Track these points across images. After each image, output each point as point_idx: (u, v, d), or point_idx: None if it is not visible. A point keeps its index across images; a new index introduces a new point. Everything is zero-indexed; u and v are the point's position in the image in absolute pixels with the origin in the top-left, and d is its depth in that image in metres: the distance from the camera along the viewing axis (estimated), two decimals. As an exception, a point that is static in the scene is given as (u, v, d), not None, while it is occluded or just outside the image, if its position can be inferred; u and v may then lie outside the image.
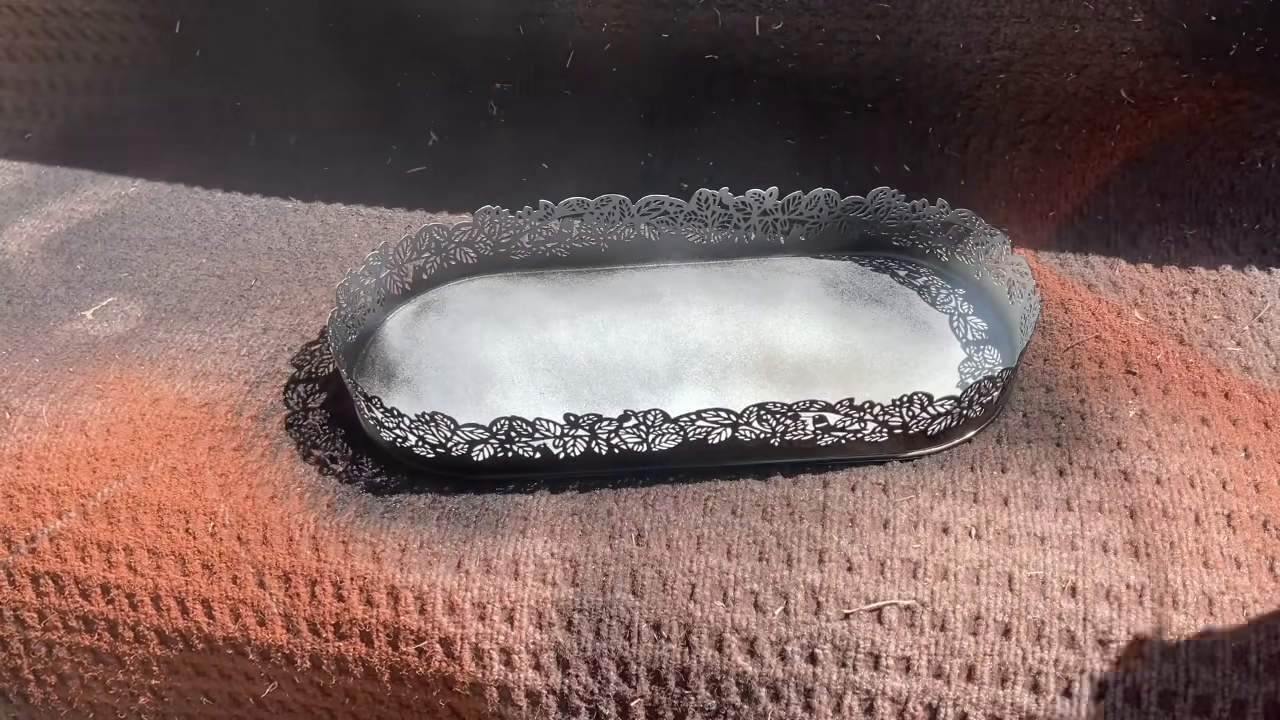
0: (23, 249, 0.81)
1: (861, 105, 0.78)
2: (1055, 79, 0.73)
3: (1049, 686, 0.48)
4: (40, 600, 0.58)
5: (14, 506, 0.59)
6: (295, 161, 0.87)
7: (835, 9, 0.75)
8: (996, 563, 0.50)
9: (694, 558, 0.52)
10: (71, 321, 0.72)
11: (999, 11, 0.72)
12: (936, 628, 0.49)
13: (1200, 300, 0.68)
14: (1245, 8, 0.67)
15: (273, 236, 0.80)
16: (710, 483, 0.56)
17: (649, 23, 0.79)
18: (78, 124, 0.94)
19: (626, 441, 0.55)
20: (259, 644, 0.55)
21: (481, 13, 0.82)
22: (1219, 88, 0.70)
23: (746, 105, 0.80)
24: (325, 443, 0.61)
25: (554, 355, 0.66)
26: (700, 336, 0.66)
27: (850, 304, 0.68)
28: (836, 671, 0.49)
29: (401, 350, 0.67)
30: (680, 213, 0.70)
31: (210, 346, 0.69)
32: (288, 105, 0.89)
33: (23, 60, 0.95)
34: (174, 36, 0.90)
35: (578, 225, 0.71)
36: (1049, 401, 0.60)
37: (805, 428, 0.55)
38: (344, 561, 0.54)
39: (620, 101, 0.82)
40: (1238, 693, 0.47)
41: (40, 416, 0.63)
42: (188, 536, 0.56)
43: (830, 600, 0.50)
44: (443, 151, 0.86)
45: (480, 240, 0.71)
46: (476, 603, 0.52)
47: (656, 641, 0.51)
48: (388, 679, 0.54)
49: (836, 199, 0.70)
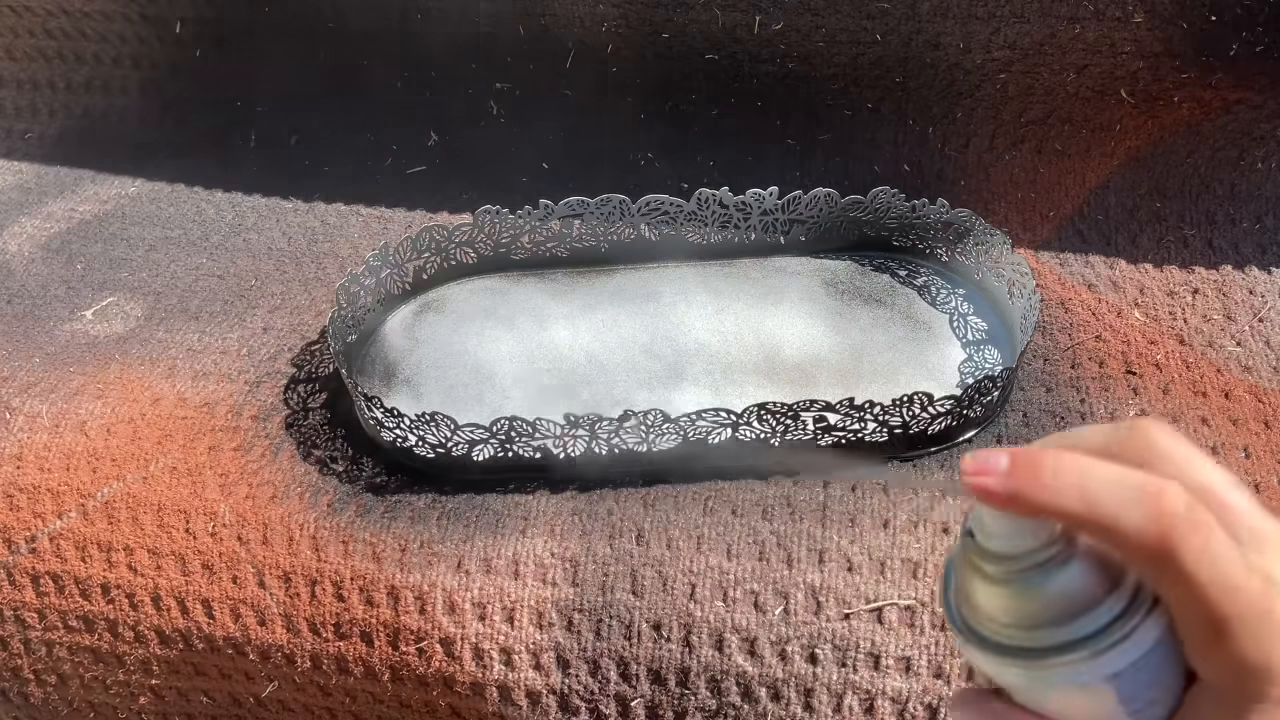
0: (23, 249, 0.81)
1: (861, 105, 0.78)
2: (1055, 79, 0.73)
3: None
4: (40, 600, 0.58)
5: (14, 506, 0.59)
6: (295, 161, 0.87)
7: (835, 9, 0.75)
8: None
9: (694, 558, 0.52)
10: (71, 321, 0.72)
11: (999, 11, 0.72)
12: (937, 628, 0.49)
13: (1200, 300, 0.68)
14: (1245, 8, 0.67)
15: (273, 236, 0.80)
16: (710, 483, 0.56)
17: (649, 23, 0.79)
18: (78, 124, 0.94)
19: (626, 441, 0.55)
20: (259, 644, 0.55)
21: (481, 13, 0.82)
22: (1219, 88, 0.70)
23: (746, 105, 0.80)
24: (325, 443, 0.61)
25: (554, 355, 0.66)
26: (700, 336, 0.66)
27: (850, 304, 0.68)
28: (836, 671, 0.49)
29: (401, 350, 0.67)
30: (680, 213, 0.70)
31: (210, 346, 0.69)
32: (288, 105, 0.89)
33: (23, 60, 0.95)
34: (174, 36, 0.90)
35: (578, 225, 0.71)
36: (1049, 401, 0.60)
37: (805, 428, 0.55)
38: (344, 561, 0.54)
39: (620, 101, 0.82)
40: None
41: (40, 416, 0.63)
42: (188, 536, 0.56)
43: (830, 600, 0.50)
44: (443, 151, 0.86)
45: (480, 240, 0.71)
46: (476, 603, 0.52)
47: (656, 641, 0.51)
48: (388, 679, 0.54)
49: (836, 199, 0.70)
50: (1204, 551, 0.25)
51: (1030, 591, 0.27)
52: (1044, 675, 0.28)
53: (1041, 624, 0.27)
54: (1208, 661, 0.26)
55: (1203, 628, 0.26)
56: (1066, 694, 0.28)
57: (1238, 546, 0.26)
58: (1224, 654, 0.26)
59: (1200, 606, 0.26)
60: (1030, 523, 0.27)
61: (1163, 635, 0.27)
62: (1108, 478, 0.26)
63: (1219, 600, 0.25)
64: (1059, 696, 0.28)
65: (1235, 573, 0.25)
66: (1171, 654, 0.27)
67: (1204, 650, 0.26)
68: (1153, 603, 0.27)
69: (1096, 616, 0.27)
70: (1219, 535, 0.26)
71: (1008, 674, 0.28)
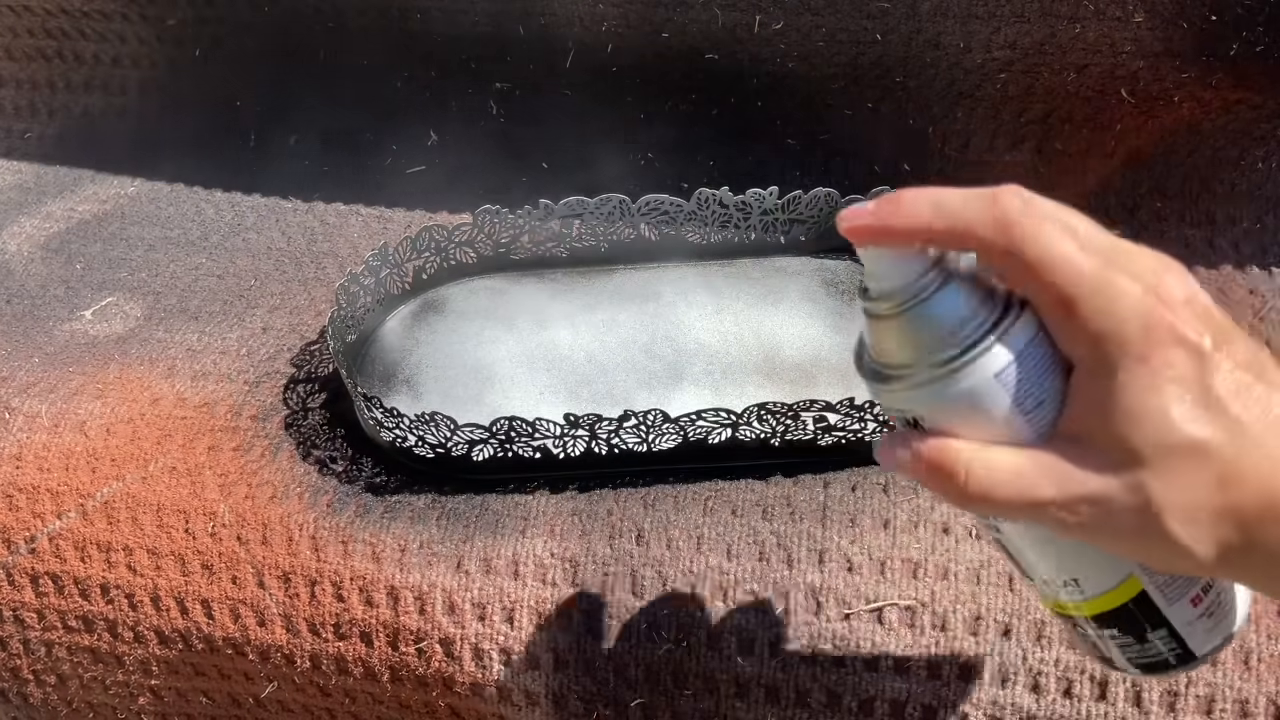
0: (22, 249, 0.81)
1: (861, 105, 0.78)
2: (1055, 79, 0.73)
3: (1049, 687, 0.48)
4: (40, 600, 0.58)
5: (14, 506, 0.59)
6: (295, 161, 0.87)
7: (835, 9, 0.75)
8: (997, 563, 0.50)
9: (694, 558, 0.52)
10: (71, 321, 0.72)
11: (999, 11, 0.72)
12: (936, 628, 0.49)
13: (1200, 300, 0.68)
14: (1245, 8, 0.67)
15: (273, 236, 0.80)
16: (710, 483, 0.56)
17: (649, 23, 0.79)
18: (78, 124, 0.94)
19: (626, 441, 0.55)
20: (259, 644, 0.55)
21: (481, 12, 0.82)
22: (1219, 88, 0.70)
23: (746, 105, 0.80)
24: (325, 443, 0.61)
25: (554, 355, 0.66)
26: (700, 336, 0.66)
27: (850, 304, 0.68)
28: (836, 672, 0.49)
29: (401, 350, 0.67)
30: (680, 213, 0.70)
31: (210, 346, 0.69)
32: (288, 105, 0.89)
33: (23, 60, 0.95)
34: (174, 36, 0.90)
35: (578, 225, 0.71)
36: (1049, 401, 0.60)
37: (805, 428, 0.55)
38: (344, 562, 0.54)
39: (620, 101, 0.82)
40: (1240, 693, 0.47)
41: (40, 416, 0.63)
42: (187, 536, 0.56)
43: (830, 600, 0.50)
44: (443, 151, 0.86)
45: (480, 240, 0.71)
46: (476, 603, 0.52)
47: (656, 641, 0.51)
48: (387, 679, 0.54)
49: (836, 199, 0.70)
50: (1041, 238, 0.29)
51: (917, 320, 0.31)
52: (941, 390, 0.31)
53: (931, 346, 0.31)
54: (1070, 342, 0.30)
55: (1056, 309, 0.29)
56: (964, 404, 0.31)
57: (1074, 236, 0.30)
58: (1078, 329, 0.29)
59: (1048, 289, 0.29)
60: (904, 258, 0.31)
61: (1035, 335, 0.30)
62: (956, 194, 0.30)
63: (1062, 280, 0.29)
64: (958, 409, 0.31)
65: (1071, 253, 0.29)
66: (1047, 356, 0.30)
67: (1063, 331, 0.30)
68: (1021, 307, 0.31)
69: (975, 326, 0.30)
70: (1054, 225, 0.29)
71: (915, 402, 0.32)
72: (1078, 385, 0.30)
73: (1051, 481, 0.30)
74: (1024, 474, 0.30)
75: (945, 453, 0.31)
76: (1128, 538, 0.30)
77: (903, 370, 0.32)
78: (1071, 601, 0.35)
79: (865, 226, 0.31)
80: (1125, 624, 0.34)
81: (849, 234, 0.31)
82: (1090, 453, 0.29)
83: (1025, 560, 0.35)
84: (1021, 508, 0.30)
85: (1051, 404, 0.30)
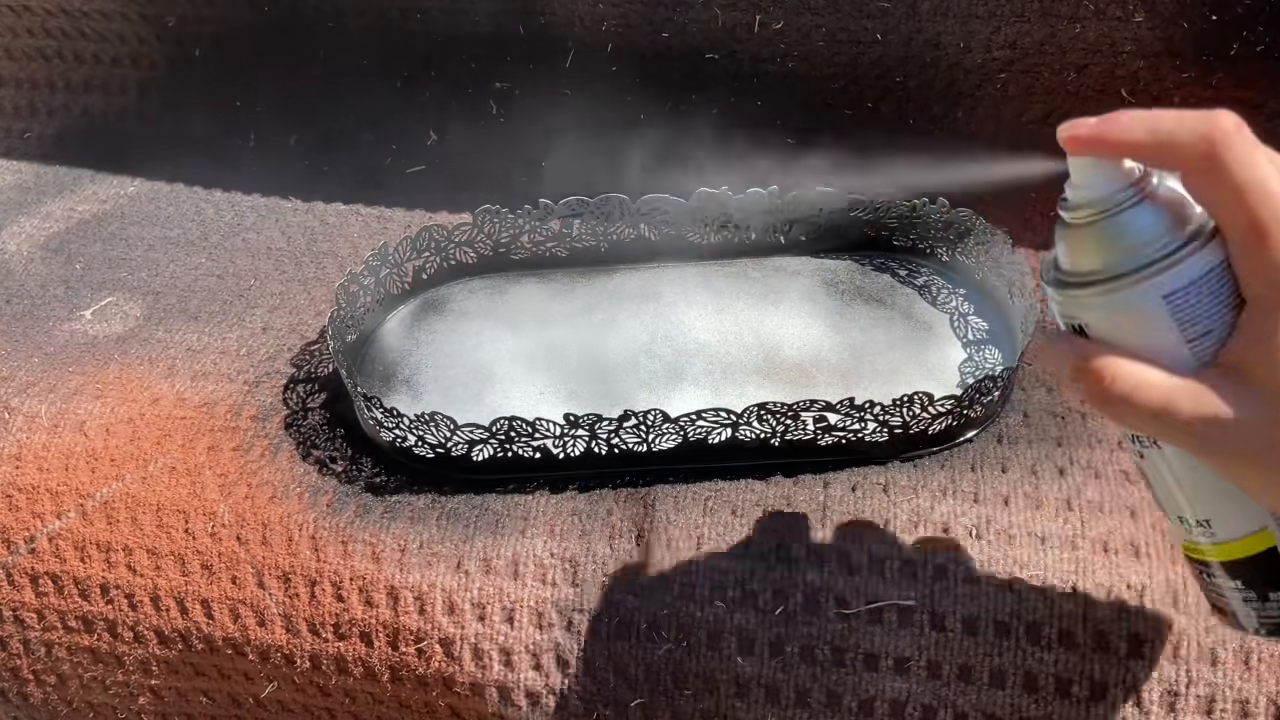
0: (22, 249, 0.81)
1: (861, 105, 0.78)
2: (1055, 79, 0.73)
3: (1048, 687, 0.48)
4: (40, 600, 0.58)
5: (13, 506, 0.59)
6: (295, 161, 0.87)
7: (835, 9, 0.75)
8: (996, 563, 0.50)
9: (694, 558, 0.52)
10: (70, 321, 0.72)
11: (1000, 11, 0.72)
12: (935, 629, 0.49)
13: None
14: (1245, 8, 0.67)
15: (272, 236, 0.80)
16: (710, 483, 0.56)
17: (649, 22, 0.79)
18: (78, 124, 0.94)
19: (626, 441, 0.55)
20: (258, 644, 0.55)
21: (481, 12, 0.82)
22: (1219, 88, 0.70)
23: (746, 105, 0.80)
24: (324, 443, 0.61)
25: (554, 355, 0.66)
26: (700, 336, 0.66)
27: (850, 304, 0.68)
28: (835, 672, 0.49)
29: (401, 350, 0.67)
30: (680, 213, 0.70)
31: (209, 346, 0.69)
32: (288, 105, 0.89)
33: (23, 60, 0.95)
34: (174, 36, 0.90)
35: (578, 225, 0.71)
36: (1050, 401, 0.60)
37: (805, 428, 0.55)
38: (343, 562, 0.54)
39: (620, 101, 0.82)
40: (1240, 693, 0.46)
41: (39, 416, 0.63)
42: (187, 537, 0.56)
43: (830, 600, 0.50)
44: (443, 151, 0.86)
45: (480, 240, 0.71)
46: (476, 603, 0.52)
47: (656, 641, 0.51)
48: (387, 679, 0.54)
49: (836, 199, 0.70)
50: (1247, 159, 0.30)
51: (1107, 230, 0.33)
52: (1113, 301, 0.33)
53: (1113, 257, 0.33)
54: (1250, 274, 0.30)
55: (1245, 233, 0.30)
56: (1130, 317, 0.33)
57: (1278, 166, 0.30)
58: (1263, 260, 0.30)
59: (1242, 211, 0.30)
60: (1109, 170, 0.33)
61: (1215, 266, 0.31)
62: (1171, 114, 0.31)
63: (1258, 205, 0.30)
64: (1125, 322, 0.33)
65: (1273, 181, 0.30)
66: (1223, 289, 0.32)
67: (1246, 261, 0.31)
68: (1209, 236, 0.32)
69: (1159, 246, 0.32)
70: (1262, 151, 0.30)
71: (1086, 309, 0.34)
72: (1248, 319, 0.31)
73: (1194, 401, 0.31)
74: (1168, 389, 0.31)
75: (1100, 355, 0.33)
76: (1264, 474, 0.31)
77: (1082, 277, 0.34)
78: (1203, 543, 0.36)
79: (1083, 136, 0.33)
80: (1252, 577, 0.35)
81: (1067, 142, 0.33)
82: (1243, 384, 0.31)
83: (1164, 488, 0.36)
84: (1158, 419, 0.32)
85: (1216, 337, 0.32)
